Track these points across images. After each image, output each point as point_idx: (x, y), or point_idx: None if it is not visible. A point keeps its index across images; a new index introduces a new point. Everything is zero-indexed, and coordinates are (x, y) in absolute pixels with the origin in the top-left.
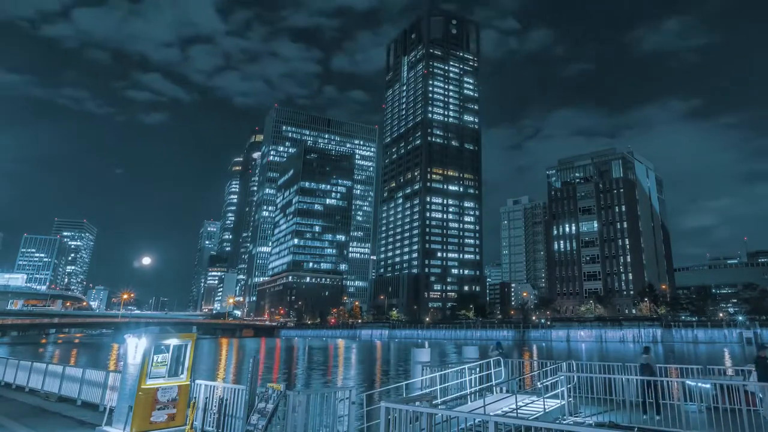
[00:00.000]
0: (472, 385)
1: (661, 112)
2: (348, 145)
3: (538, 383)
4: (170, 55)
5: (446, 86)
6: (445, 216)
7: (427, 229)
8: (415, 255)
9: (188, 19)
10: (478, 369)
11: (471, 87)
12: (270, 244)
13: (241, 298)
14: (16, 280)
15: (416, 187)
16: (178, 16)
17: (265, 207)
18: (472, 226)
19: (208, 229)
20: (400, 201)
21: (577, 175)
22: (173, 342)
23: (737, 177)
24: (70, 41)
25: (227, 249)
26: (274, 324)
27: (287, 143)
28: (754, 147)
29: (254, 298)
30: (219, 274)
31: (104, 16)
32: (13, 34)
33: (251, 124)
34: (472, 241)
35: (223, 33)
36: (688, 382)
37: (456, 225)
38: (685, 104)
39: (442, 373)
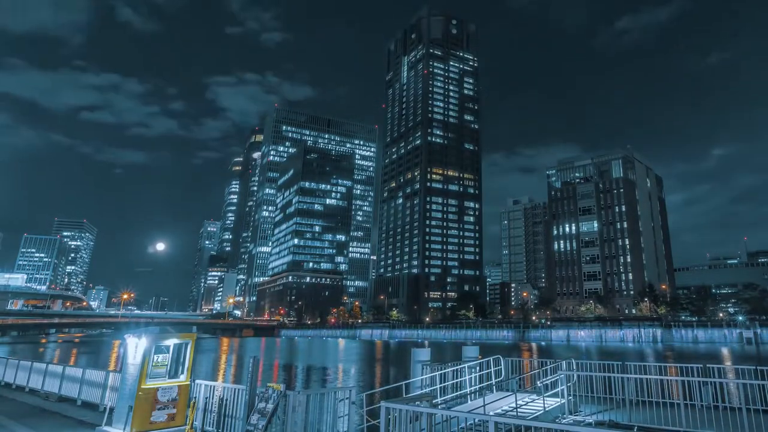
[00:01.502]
0: (472, 383)
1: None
2: (348, 145)
3: (538, 382)
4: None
5: (446, 86)
6: (445, 216)
7: (427, 229)
8: (415, 255)
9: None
10: (477, 368)
11: (471, 87)
12: (270, 244)
13: (241, 298)
14: (16, 280)
15: (416, 186)
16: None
17: (265, 207)
18: (472, 226)
19: (208, 229)
20: (400, 201)
21: (577, 175)
22: (173, 342)
23: None
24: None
25: (227, 249)
26: (274, 324)
27: (287, 143)
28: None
29: (254, 298)
30: (219, 274)
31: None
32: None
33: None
34: (472, 241)
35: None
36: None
37: (456, 225)
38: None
39: (442, 372)
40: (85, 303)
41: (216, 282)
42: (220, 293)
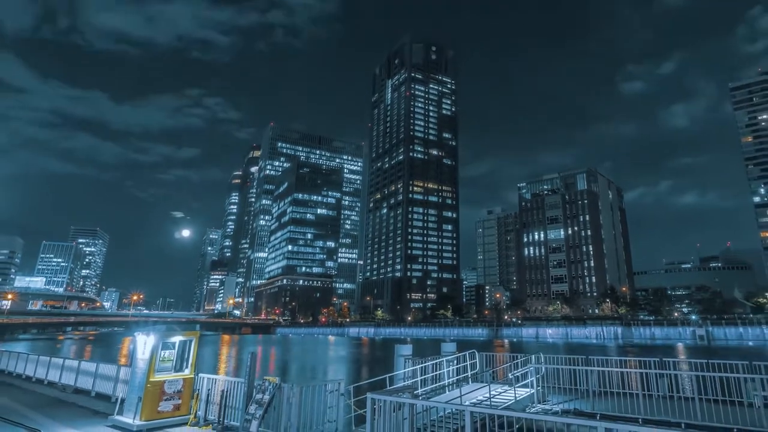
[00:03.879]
0: (450, 376)
1: None
2: (337, 160)
3: (510, 374)
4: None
5: (426, 107)
6: (425, 224)
7: (409, 237)
8: (398, 260)
9: None
10: (455, 362)
11: (449, 107)
12: (266, 250)
13: (240, 299)
14: (36, 283)
15: (399, 198)
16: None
17: (262, 216)
18: (450, 234)
19: (210, 236)
20: (385, 211)
21: (545, 187)
22: (178, 339)
23: None
24: None
25: (227, 254)
26: (270, 322)
27: (282, 158)
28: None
29: (252, 299)
30: (220, 277)
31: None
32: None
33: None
34: (449, 247)
35: None
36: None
37: (435, 233)
38: None
39: (423, 365)
40: (98, 303)
41: (217, 284)
42: (221, 295)
